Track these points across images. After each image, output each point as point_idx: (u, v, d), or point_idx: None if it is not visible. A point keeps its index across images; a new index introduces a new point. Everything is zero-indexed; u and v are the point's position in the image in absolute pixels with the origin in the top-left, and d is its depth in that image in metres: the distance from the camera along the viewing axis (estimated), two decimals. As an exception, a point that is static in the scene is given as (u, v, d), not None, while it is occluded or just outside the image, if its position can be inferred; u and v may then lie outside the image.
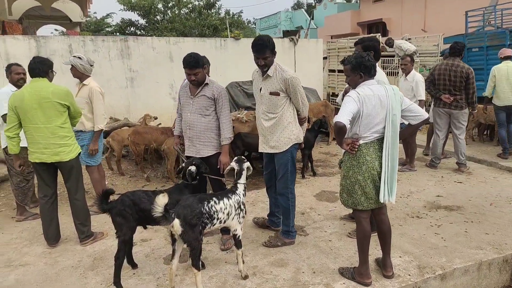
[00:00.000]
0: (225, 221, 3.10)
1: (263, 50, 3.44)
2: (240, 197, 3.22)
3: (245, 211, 3.29)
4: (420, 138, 7.95)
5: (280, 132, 3.61)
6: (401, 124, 3.01)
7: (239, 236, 3.20)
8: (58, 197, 4.06)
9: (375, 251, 3.52)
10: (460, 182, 5.61)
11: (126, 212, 3.10)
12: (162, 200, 2.66)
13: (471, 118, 7.09)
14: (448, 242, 3.79)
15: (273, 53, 3.51)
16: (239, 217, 3.20)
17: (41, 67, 3.67)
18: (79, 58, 4.50)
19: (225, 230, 3.67)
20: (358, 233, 3.13)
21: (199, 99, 3.65)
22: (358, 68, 2.94)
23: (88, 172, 4.72)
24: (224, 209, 3.06)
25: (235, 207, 3.15)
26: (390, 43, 10.47)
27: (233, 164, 3.31)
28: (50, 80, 3.80)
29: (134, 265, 3.43)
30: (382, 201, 2.98)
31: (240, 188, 3.27)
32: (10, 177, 4.60)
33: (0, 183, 5.39)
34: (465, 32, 11.04)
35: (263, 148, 3.77)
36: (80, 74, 4.53)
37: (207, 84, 3.64)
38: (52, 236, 3.88)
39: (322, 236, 3.99)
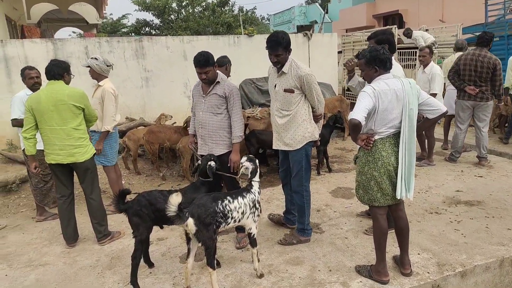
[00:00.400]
0: (239, 220, 3.09)
1: (276, 47, 3.40)
2: (255, 195, 3.21)
3: (260, 210, 3.27)
4: (438, 131, 7.78)
5: (294, 130, 3.56)
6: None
7: (254, 235, 3.18)
8: (76, 198, 4.14)
9: (392, 248, 3.46)
10: (481, 176, 5.46)
11: (143, 212, 3.12)
12: (175, 199, 2.66)
13: (497, 111, 6.89)
14: (468, 239, 3.70)
15: (287, 51, 3.44)
16: (254, 216, 3.18)
17: (57, 70, 3.72)
18: (95, 58, 4.56)
19: (240, 228, 3.66)
20: (374, 230, 3.08)
21: (210, 97, 3.64)
22: (373, 61, 2.88)
23: (105, 172, 4.80)
24: (239, 208, 3.05)
25: (250, 206, 3.13)
26: (408, 34, 10.25)
27: (246, 163, 3.29)
28: (67, 83, 3.86)
29: (150, 264, 3.46)
30: (399, 197, 2.92)
31: (255, 186, 3.25)
32: (29, 178, 4.71)
33: (21, 184, 5.52)
34: (484, 22, 10.73)
35: (277, 145, 3.74)
36: (97, 75, 4.59)
37: (218, 82, 3.63)
38: (71, 236, 3.95)
39: (338, 234, 3.94)
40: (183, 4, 21.82)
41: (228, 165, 3.65)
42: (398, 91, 2.81)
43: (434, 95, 5.73)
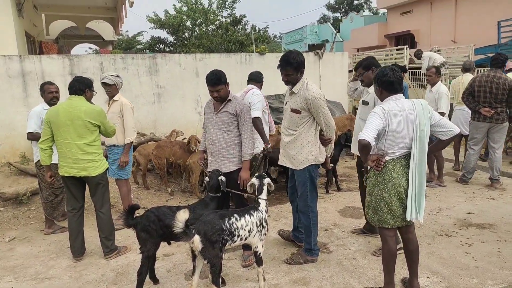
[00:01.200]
0: (246, 238, 3.07)
1: (285, 67, 3.44)
2: (262, 213, 3.19)
3: (267, 228, 3.26)
4: (449, 151, 7.69)
5: (298, 151, 3.55)
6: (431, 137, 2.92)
7: (260, 253, 3.16)
8: (85, 211, 4.16)
9: (401, 270, 3.39)
10: (493, 199, 5.36)
11: (151, 227, 3.13)
12: (182, 216, 2.67)
13: (510, 132, 6.80)
14: (479, 262, 3.61)
15: (298, 71, 3.44)
16: (261, 234, 3.16)
17: (79, 86, 3.85)
18: (118, 76, 4.71)
19: (247, 246, 3.64)
20: (383, 252, 3.02)
21: (221, 115, 3.68)
22: (376, 82, 2.91)
23: (118, 185, 4.84)
24: (246, 226, 3.04)
25: (256, 224, 3.12)
26: (418, 55, 10.33)
27: (254, 180, 3.30)
28: (89, 99, 3.99)
29: (155, 281, 3.44)
30: (409, 219, 2.87)
31: (262, 204, 3.24)
32: (40, 191, 4.77)
33: (32, 196, 5.58)
34: (497, 43, 10.70)
35: (282, 161, 3.74)
36: (117, 92, 4.71)
37: (230, 100, 3.67)
38: (78, 249, 3.97)
39: (346, 254, 3.89)
40: (197, 22, 22.26)
41: (238, 182, 3.66)
42: (409, 112, 2.81)
43: (442, 113, 5.69)
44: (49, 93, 4.56)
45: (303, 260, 3.71)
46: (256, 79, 4.91)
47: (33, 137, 4.47)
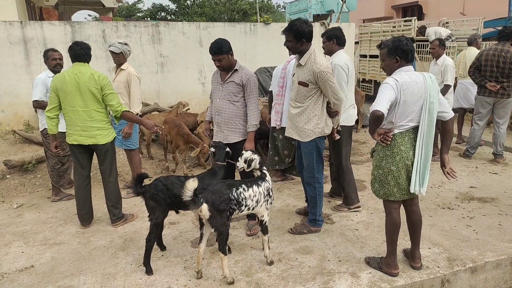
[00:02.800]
0: (253, 208, 3.12)
1: (286, 32, 3.40)
2: (269, 183, 3.23)
3: (273, 198, 3.30)
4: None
5: (304, 123, 3.53)
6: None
7: (266, 222, 3.21)
8: (91, 180, 4.20)
9: (403, 241, 3.46)
10: (496, 173, 5.39)
11: (159, 196, 3.17)
12: (192, 185, 2.69)
13: None
14: (480, 235, 3.68)
15: (297, 40, 3.35)
16: (267, 204, 3.21)
17: (86, 52, 3.79)
18: (126, 44, 4.61)
19: (251, 216, 3.70)
20: (387, 224, 3.07)
21: (228, 85, 3.65)
22: (395, 52, 2.84)
23: (129, 156, 4.86)
24: (253, 196, 3.07)
25: (264, 194, 3.16)
26: (422, 31, 10.18)
27: (254, 156, 3.29)
28: None
29: (163, 247, 3.52)
30: (412, 191, 2.90)
31: (268, 174, 3.28)
32: (46, 159, 4.80)
33: (38, 164, 5.63)
34: (508, 15, 10.45)
35: (289, 132, 3.74)
36: (124, 60, 4.64)
37: (236, 70, 3.63)
38: (86, 217, 4.04)
39: (349, 225, 3.96)
40: (199, -11, 21.75)
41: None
42: (420, 84, 2.78)
43: (447, 86, 5.69)
44: (52, 60, 4.51)
45: (307, 230, 3.78)
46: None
47: (39, 105, 4.46)
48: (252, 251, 3.50)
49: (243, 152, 3.35)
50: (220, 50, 3.49)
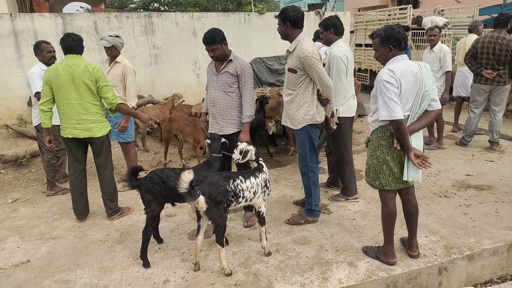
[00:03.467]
0: (251, 200, 3.09)
1: (278, 16, 3.46)
2: (266, 174, 3.21)
3: (270, 189, 3.28)
4: (448, 115, 7.69)
5: (296, 110, 3.53)
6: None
7: (263, 213, 3.20)
8: (87, 174, 4.16)
9: (400, 230, 3.46)
10: (492, 161, 5.40)
11: (155, 189, 3.14)
12: (187, 176, 2.66)
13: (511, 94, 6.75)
14: (477, 222, 3.69)
15: (284, 24, 3.40)
16: (265, 195, 3.19)
17: (78, 44, 3.72)
18: (117, 36, 4.52)
19: (248, 207, 3.69)
20: (383, 214, 3.05)
21: (222, 75, 3.60)
22: (388, 40, 2.79)
23: (125, 149, 4.81)
24: (251, 187, 3.05)
25: (261, 186, 3.14)
26: (418, 21, 10.14)
27: (250, 147, 3.26)
28: None
29: (159, 240, 3.51)
30: (405, 179, 2.87)
31: (264, 165, 3.25)
32: (41, 154, 4.74)
33: (32, 159, 5.57)
34: (503, 2, 10.41)
35: (285, 121, 3.74)
36: (117, 53, 4.56)
37: (231, 60, 3.59)
38: (81, 211, 4.01)
39: (346, 215, 3.95)
40: (192, -21, 21.49)
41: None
42: (416, 73, 2.74)
43: (449, 72, 5.76)
44: (47, 52, 4.43)
45: (304, 221, 3.77)
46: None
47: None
48: (249, 242, 3.49)
49: (238, 143, 3.32)
50: (214, 40, 3.45)
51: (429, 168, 2.79)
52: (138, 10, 22.67)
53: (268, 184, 3.21)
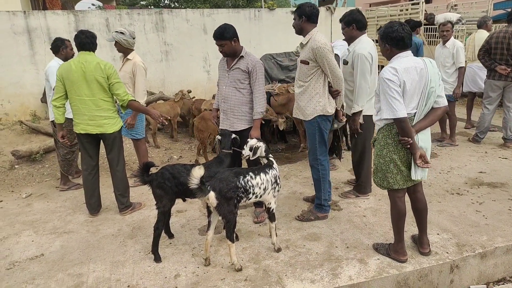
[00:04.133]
0: (261, 196, 3.10)
1: (294, 13, 3.57)
2: (276, 171, 3.22)
3: (280, 185, 3.29)
4: (461, 111, 7.58)
5: (307, 102, 3.58)
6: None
7: (273, 210, 3.21)
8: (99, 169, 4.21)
9: (411, 227, 3.44)
10: (505, 158, 5.32)
11: (166, 185, 3.17)
12: (198, 172, 2.67)
13: None
14: (489, 220, 3.64)
15: (300, 18, 3.52)
16: (275, 191, 3.20)
17: (91, 41, 3.78)
18: (122, 33, 4.55)
19: (258, 203, 3.69)
20: (392, 213, 3.03)
21: (234, 72, 3.61)
22: (385, 39, 2.76)
23: (136, 146, 4.86)
24: (261, 184, 3.06)
25: (271, 182, 3.14)
26: (431, 19, 9.99)
27: (260, 143, 3.26)
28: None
29: (170, 235, 3.54)
30: (413, 178, 2.84)
31: (274, 161, 3.26)
32: (56, 149, 4.81)
33: (45, 154, 5.66)
34: (518, -4, 10.21)
35: (296, 113, 3.78)
36: (124, 49, 4.60)
37: (242, 57, 3.59)
38: (94, 206, 4.06)
39: (356, 212, 3.94)
40: (203, -24, 21.43)
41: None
42: (421, 70, 2.69)
43: (462, 68, 5.70)
44: (71, 49, 4.53)
45: (314, 217, 3.77)
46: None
47: None
48: (259, 238, 3.50)
49: (248, 140, 3.32)
50: (222, 36, 3.47)
51: (430, 167, 2.77)
52: (149, 7, 22.75)
53: (278, 181, 3.21)
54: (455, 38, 6.66)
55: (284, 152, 6.04)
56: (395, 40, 2.73)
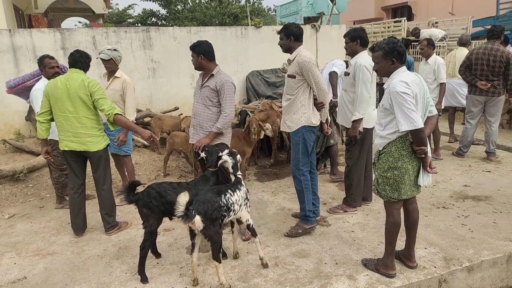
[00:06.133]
0: (237, 213, 3.12)
1: (280, 31, 3.72)
2: (245, 187, 3.26)
3: (249, 200, 3.33)
4: (444, 125, 7.72)
5: (293, 113, 3.71)
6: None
7: (251, 225, 3.25)
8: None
9: (398, 242, 3.43)
10: (489, 171, 5.42)
11: (152, 204, 3.14)
12: (183, 199, 2.62)
13: (506, 105, 6.81)
14: (475, 233, 3.68)
15: (287, 37, 3.66)
16: (247, 207, 3.24)
17: (84, 60, 3.81)
18: (115, 50, 4.56)
19: (240, 221, 3.68)
20: (388, 225, 3.04)
21: (204, 89, 3.73)
22: (391, 54, 2.84)
23: (124, 162, 4.82)
24: (238, 200, 3.09)
25: (243, 198, 3.18)
26: (416, 33, 10.24)
27: (226, 157, 3.26)
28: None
29: (157, 255, 3.48)
30: (420, 184, 2.93)
31: (242, 179, 3.30)
32: (50, 172, 4.77)
33: (29, 174, 5.55)
34: (496, 14, 10.56)
35: (283, 127, 3.88)
36: (116, 67, 4.59)
37: (213, 75, 3.69)
38: (79, 226, 3.98)
39: (345, 227, 3.94)
40: (190, -6, 21.72)
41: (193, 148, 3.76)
42: (419, 82, 2.83)
43: (443, 84, 5.83)
44: (50, 68, 4.39)
45: (302, 230, 3.77)
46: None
47: None
48: (248, 256, 3.47)
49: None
50: (193, 48, 3.70)
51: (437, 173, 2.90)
52: (136, 25, 22.87)
53: (247, 196, 3.27)
54: (437, 54, 6.82)
55: (272, 168, 6.05)
56: (401, 54, 2.85)
